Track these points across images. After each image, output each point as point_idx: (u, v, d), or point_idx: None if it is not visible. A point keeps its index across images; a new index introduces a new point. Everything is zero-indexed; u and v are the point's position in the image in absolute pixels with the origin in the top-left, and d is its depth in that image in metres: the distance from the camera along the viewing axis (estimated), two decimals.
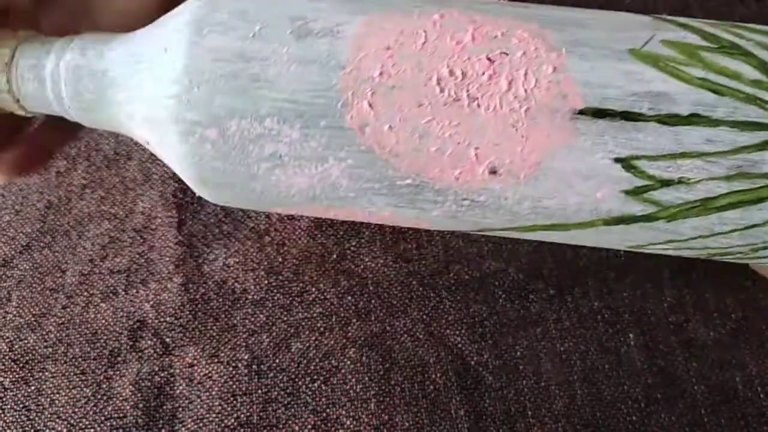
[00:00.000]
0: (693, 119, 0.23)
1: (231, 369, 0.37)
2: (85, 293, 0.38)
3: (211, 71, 0.24)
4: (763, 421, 0.35)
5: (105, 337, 0.37)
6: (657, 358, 0.37)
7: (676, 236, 0.25)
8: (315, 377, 0.36)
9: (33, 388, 0.36)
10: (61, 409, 0.36)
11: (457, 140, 0.24)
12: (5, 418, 0.36)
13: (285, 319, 0.38)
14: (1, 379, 0.37)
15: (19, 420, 0.36)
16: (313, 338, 0.37)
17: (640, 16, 0.25)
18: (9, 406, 0.36)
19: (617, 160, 0.23)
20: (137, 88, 0.26)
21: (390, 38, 0.24)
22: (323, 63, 0.24)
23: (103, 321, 0.38)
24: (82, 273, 0.39)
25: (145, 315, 0.38)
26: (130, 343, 0.37)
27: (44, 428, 0.35)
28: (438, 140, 0.24)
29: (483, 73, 0.23)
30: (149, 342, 0.37)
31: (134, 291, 0.38)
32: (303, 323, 0.38)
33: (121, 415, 0.36)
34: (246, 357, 0.37)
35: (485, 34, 0.24)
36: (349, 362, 0.37)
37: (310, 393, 0.36)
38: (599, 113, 0.23)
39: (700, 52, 0.23)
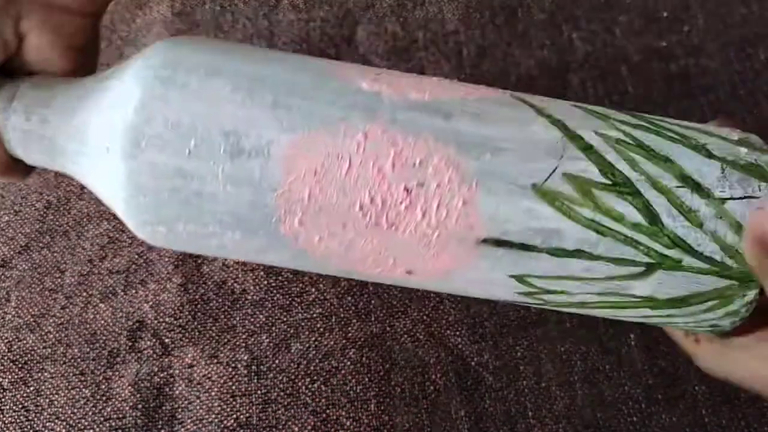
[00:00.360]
0: (577, 253, 0.27)
1: (230, 369, 0.37)
2: (84, 293, 0.38)
3: (154, 185, 0.27)
4: (764, 422, 0.35)
5: (104, 338, 0.37)
6: (658, 358, 0.37)
7: (564, 311, 0.31)
8: (315, 378, 0.36)
9: (32, 388, 0.36)
10: (60, 409, 0.36)
11: (378, 251, 0.28)
12: (4, 418, 0.36)
13: (285, 319, 0.38)
14: (0, 379, 0.36)
15: (18, 420, 0.35)
16: (313, 339, 0.37)
17: (553, 132, 0.27)
18: (8, 407, 0.36)
19: (512, 276, 0.28)
20: (86, 174, 0.29)
21: (317, 162, 0.26)
22: (256, 185, 0.26)
23: (102, 321, 0.38)
24: (81, 273, 0.39)
25: (144, 315, 0.38)
26: (129, 343, 0.37)
27: (43, 429, 0.35)
28: (361, 251, 0.28)
29: (401, 203, 0.26)
30: (148, 342, 0.37)
31: (133, 291, 0.38)
32: (303, 324, 0.38)
33: (121, 415, 0.36)
34: (245, 357, 0.37)
35: (405, 161, 0.26)
36: (349, 363, 0.37)
37: (309, 394, 0.36)
38: (500, 243, 0.27)
39: (593, 189, 0.26)
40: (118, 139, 0.26)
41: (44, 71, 0.29)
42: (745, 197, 0.26)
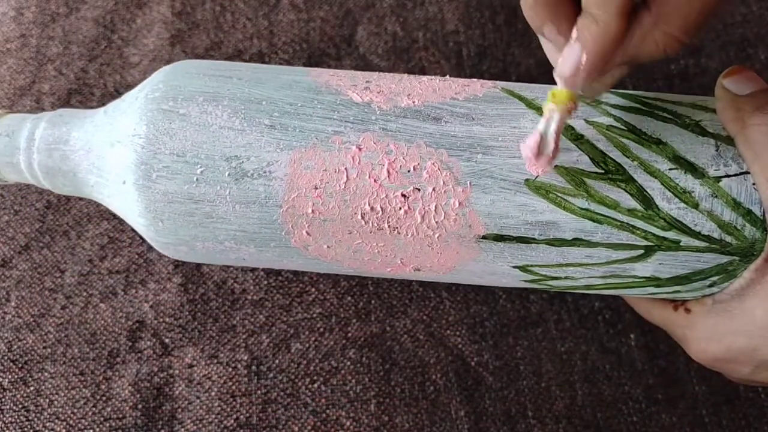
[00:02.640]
0: (575, 242, 0.27)
1: (230, 370, 0.37)
2: (84, 293, 0.38)
3: (169, 211, 0.29)
4: (765, 422, 0.35)
5: (104, 338, 0.37)
6: (658, 358, 0.37)
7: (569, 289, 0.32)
8: (315, 378, 0.36)
9: (32, 388, 0.36)
10: (60, 409, 0.36)
11: (385, 254, 0.29)
12: (4, 418, 0.36)
13: (284, 319, 0.38)
14: (0, 379, 0.36)
15: (18, 420, 0.35)
16: (313, 339, 0.37)
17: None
18: (8, 407, 0.36)
19: (515, 266, 0.29)
20: (109, 201, 0.31)
21: (316, 177, 0.28)
22: (262, 203, 0.28)
23: (102, 321, 0.38)
24: (81, 273, 0.39)
25: (144, 315, 0.38)
26: (129, 343, 0.37)
27: (43, 429, 0.35)
28: (369, 254, 0.29)
29: (400, 209, 0.28)
30: (148, 342, 0.37)
31: (133, 291, 0.38)
32: (303, 324, 0.38)
33: (120, 416, 0.36)
34: (245, 357, 0.37)
35: (399, 168, 0.27)
36: (349, 363, 0.37)
37: (309, 394, 0.36)
38: (499, 238, 0.28)
39: (586, 180, 0.27)
40: (131, 173, 0.28)
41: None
42: (740, 173, 0.26)
